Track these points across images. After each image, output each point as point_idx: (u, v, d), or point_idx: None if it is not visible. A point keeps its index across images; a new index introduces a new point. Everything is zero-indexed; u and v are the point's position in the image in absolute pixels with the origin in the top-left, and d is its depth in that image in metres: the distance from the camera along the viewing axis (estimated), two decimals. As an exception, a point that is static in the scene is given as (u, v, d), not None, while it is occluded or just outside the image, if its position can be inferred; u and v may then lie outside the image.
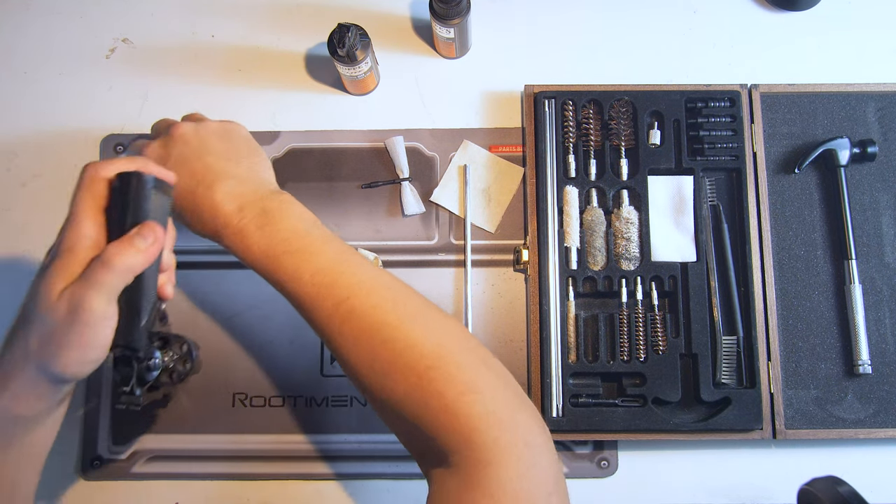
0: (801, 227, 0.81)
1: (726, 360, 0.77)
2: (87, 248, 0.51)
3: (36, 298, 0.50)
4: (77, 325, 0.49)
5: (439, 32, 0.83)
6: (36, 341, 0.51)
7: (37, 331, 0.50)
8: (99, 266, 0.50)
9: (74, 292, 0.49)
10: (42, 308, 0.50)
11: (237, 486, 0.78)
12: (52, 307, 0.49)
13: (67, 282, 0.50)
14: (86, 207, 0.52)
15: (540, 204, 0.80)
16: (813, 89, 0.84)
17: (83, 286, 0.49)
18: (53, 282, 0.50)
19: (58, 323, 0.50)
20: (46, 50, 0.89)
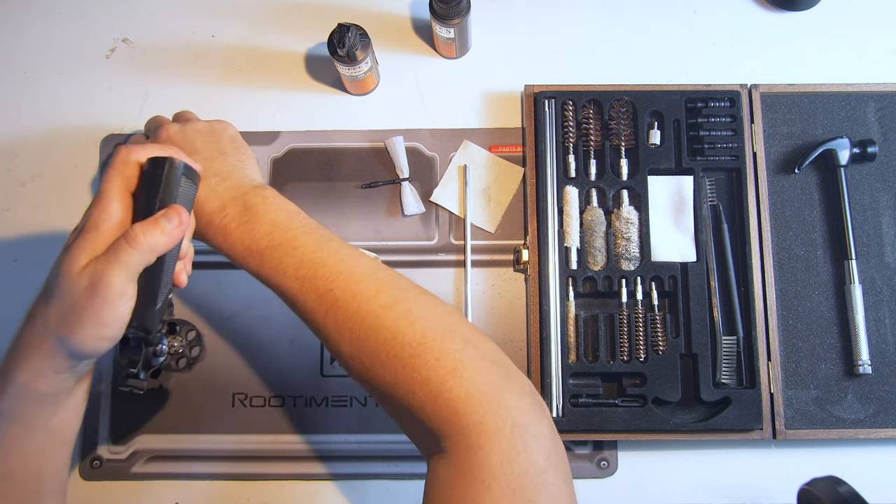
0: (801, 227, 0.81)
1: (726, 360, 0.77)
2: (112, 226, 0.52)
3: (58, 273, 0.51)
4: (96, 299, 0.50)
5: (439, 32, 0.83)
6: (56, 315, 0.51)
7: (57, 304, 0.51)
8: (123, 243, 0.50)
9: (96, 267, 0.50)
10: (64, 282, 0.50)
11: (237, 486, 0.78)
12: (74, 281, 0.50)
13: (90, 257, 0.50)
14: (115, 187, 0.53)
15: (540, 204, 0.80)
16: (813, 89, 0.84)
17: (106, 262, 0.50)
18: (77, 256, 0.50)
19: (78, 297, 0.50)
20: (46, 50, 0.89)
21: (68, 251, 0.51)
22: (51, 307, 0.52)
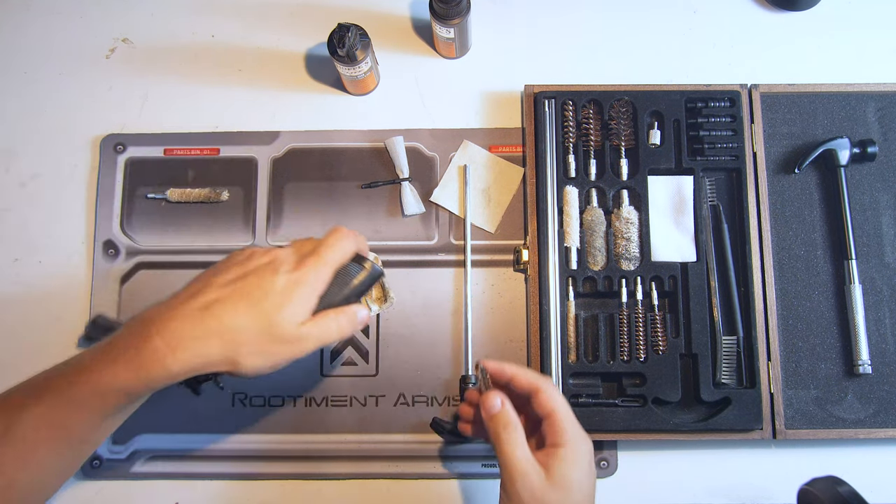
0: (801, 227, 0.81)
1: (726, 360, 0.77)
2: (318, 295, 0.61)
3: (268, 314, 0.58)
4: (294, 351, 0.59)
5: (439, 32, 0.83)
6: (235, 343, 0.57)
7: (248, 336, 0.57)
8: (335, 323, 0.62)
9: (311, 331, 0.60)
10: (278, 327, 0.58)
11: (237, 486, 0.78)
12: (288, 328, 0.58)
13: (307, 317, 0.60)
14: (334, 262, 0.62)
15: (540, 204, 0.80)
16: (813, 89, 0.84)
17: (317, 330, 0.60)
18: (297, 311, 0.59)
19: (281, 341, 0.58)
20: (46, 50, 0.89)
21: (287, 298, 0.58)
22: (233, 335, 0.57)
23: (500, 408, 0.63)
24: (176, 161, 0.85)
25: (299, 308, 0.59)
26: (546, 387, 0.63)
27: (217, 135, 0.86)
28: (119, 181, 0.85)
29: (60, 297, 0.82)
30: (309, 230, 0.83)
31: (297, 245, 0.63)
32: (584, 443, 0.62)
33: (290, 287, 0.59)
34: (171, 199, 0.84)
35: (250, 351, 0.57)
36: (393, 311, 0.81)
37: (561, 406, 0.62)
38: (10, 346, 0.81)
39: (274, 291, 0.58)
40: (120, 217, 0.84)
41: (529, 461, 0.60)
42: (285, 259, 0.61)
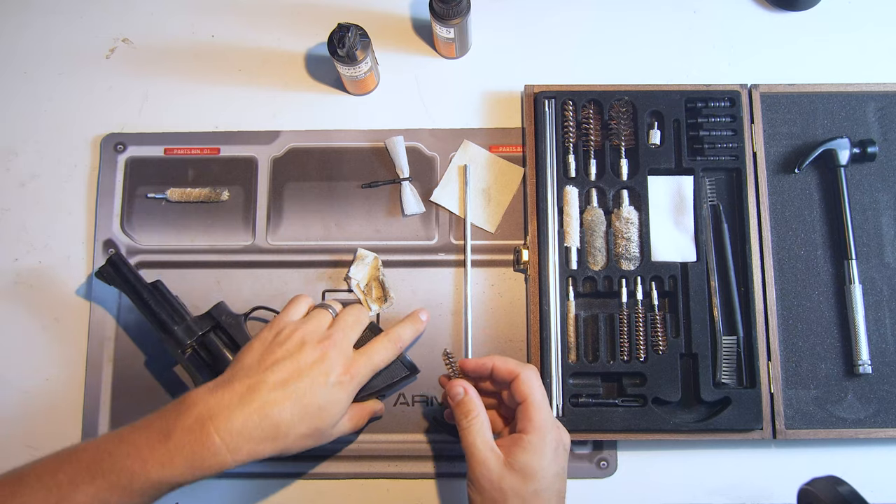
0: (801, 227, 0.81)
1: (726, 360, 0.77)
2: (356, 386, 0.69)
3: (323, 429, 0.66)
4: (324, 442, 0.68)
5: (439, 32, 0.83)
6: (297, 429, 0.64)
7: (307, 423, 0.64)
8: (364, 413, 0.73)
9: (350, 422, 0.71)
10: (326, 435, 0.67)
11: (237, 486, 0.78)
12: (335, 417, 0.66)
13: (349, 404, 0.68)
14: (378, 367, 0.71)
15: (540, 204, 0.80)
16: (813, 89, 0.84)
17: (353, 419, 0.72)
18: (343, 400, 0.67)
19: (319, 440, 0.66)
20: (46, 50, 0.89)
21: (337, 411, 0.66)
22: (287, 440, 0.63)
23: (462, 396, 0.64)
24: (176, 161, 0.85)
25: (343, 417, 0.68)
26: (524, 374, 0.64)
27: (217, 134, 0.86)
28: (119, 181, 0.85)
29: (60, 297, 0.82)
30: (309, 230, 0.83)
31: (343, 326, 0.70)
32: (551, 432, 0.62)
33: (340, 400, 0.66)
34: (172, 199, 0.84)
35: (294, 447, 0.64)
36: (393, 310, 0.81)
37: (535, 393, 0.63)
38: (9, 345, 0.81)
39: (327, 403, 0.65)
40: (120, 217, 0.84)
41: (489, 447, 0.61)
42: (335, 362, 0.66)
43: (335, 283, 0.82)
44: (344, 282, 0.82)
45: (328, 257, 0.83)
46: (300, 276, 0.82)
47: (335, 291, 0.82)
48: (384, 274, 0.82)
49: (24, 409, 0.80)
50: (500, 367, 0.66)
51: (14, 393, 0.80)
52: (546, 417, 0.63)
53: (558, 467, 0.62)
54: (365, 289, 0.81)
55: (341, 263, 0.82)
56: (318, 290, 0.82)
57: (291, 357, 0.65)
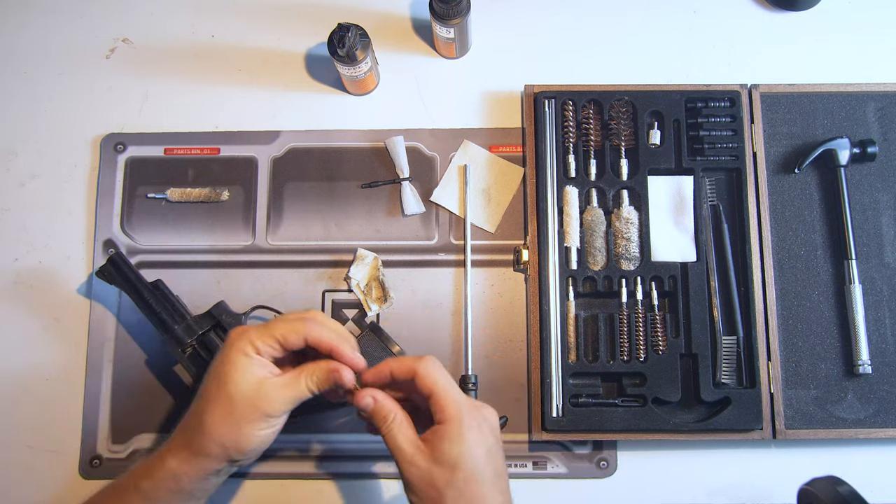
0: (801, 227, 0.81)
1: (726, 360, 0.77)
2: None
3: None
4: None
5: (439, 32, 0.83)
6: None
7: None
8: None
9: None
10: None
11: (237, 486, 0.78)
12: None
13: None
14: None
15: (540, 204, 0.80)
16: (813, 89, 0.84)
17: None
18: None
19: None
20: (46, 50, 0.89)
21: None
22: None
23: (372, 404, 0.61)
24: (176, 161, 0.85)
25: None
26: (422, 368, 0.61)
27: (217, 134, 0.86)
28: (119, 181, 0.85)
29: (60, 297, 0.82)
30: (309, 230, 0.83)
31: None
32: (468, 415, 0.59)
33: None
34: (172, 199, 0.84)
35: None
36: (393, 311, 0.81)
37: (439, 382, 0.60)
38: (10, 345, 0.81)
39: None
40: (120, 217, 0.84)
41: (413, 445, 0.59)
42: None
43: (335, 283, 0.82)
44: (344, 282, 0.82)
45: (328, 257, 0.83)
46: (300, 276, 0.82)
47: (335, 291, 0.82)
48: (384, 274, 0.82)
49: (25, 409, 0.80)
50: (397, 368, 0.62)
51: (14, 392, 0.80)
52: (455, 402, 0.59)
53: (486, 446, 0.59)
54: (365, 289, 0.82)
55: (341, 263, 0.82)
56: (318, 290, 0.82)
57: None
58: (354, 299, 0.82)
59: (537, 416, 0.76)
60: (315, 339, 0.60)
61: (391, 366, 0.62)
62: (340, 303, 0.82)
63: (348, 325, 0.81)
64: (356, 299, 0.81)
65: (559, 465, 0.78)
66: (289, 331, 0.60)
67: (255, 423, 0.60)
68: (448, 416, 0.59)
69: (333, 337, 0.61)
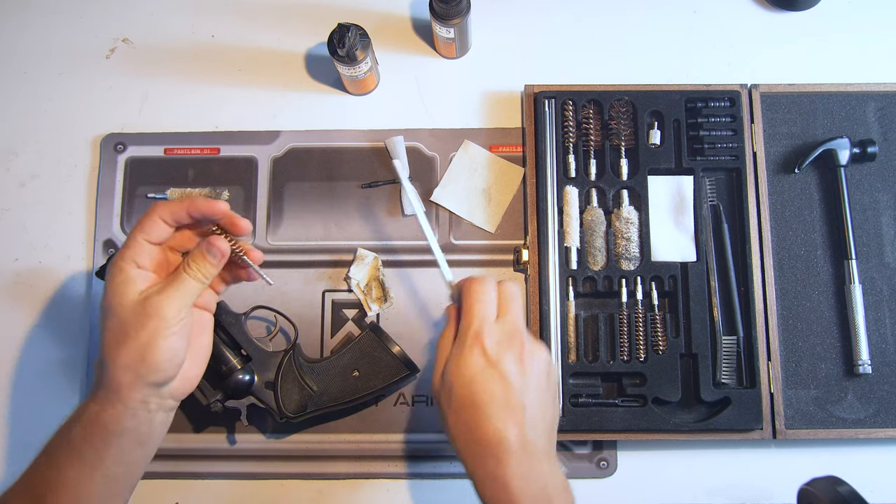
0: (801, 227, 0.81)
1: (726, 360, 0.77)
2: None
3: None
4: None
5: (439, 32, 0.83)
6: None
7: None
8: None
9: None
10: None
11: (237, 486, 0.78)
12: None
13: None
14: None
15: (540, 204, 0.80)
16: (813, 89, 0.84)
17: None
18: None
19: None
20: (46, 50, 0.89)
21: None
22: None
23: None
24: (176, 161, 0.85)
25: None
26: (468, 280, 0.60)
27: (217, 134, 0.86)
28: (119, 181, 0.85)
29: (60, 297, 0.82)
30: (309, 230, 0.83)
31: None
32: (472, 335, 0.57)
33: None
34: (172, 199, 0.84)
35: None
36: (393, 310, 0.81)
37: (468, 296, 0.59)
38: (10, 345, 0.81)
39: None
40: (120, 216, 0.84)
41: (444, 359, 0.58)
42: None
43: (335, 283, 0.82)
44: (344, 282, 0.82)
45: (328, 257, 0.83)
46: (300, 276, 0.82)
47: (335, 291, 0.82)
48: (384, 274, 0.82)
49: (25, 409, 0.80)
50: (464, 284, 0.61)
51: (15, 393, 0.80)
52: (468, 322, 0.58)
53: (480, 367, 0.56)
54: (365, 289, 0.82)
55: (341, 263, 0.82)
56: (318, 290, 0.82)
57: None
58: (354, 299, 0.82)
59: (537, 416, 0.76)
60: (167, 213, 0.56)
61: (464, 282, 0.61)
62: (340, 303, 0.82)
63: (348, 325, 0.81)
64: (356, 299, 0.81)
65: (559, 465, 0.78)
66: (144, 222, 0.56)
67: (153, 334, 0.55)
68: (459, 333, 0.58)
69: (183, 200, 0.57)
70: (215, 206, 0.57)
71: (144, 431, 0.58)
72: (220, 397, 0.72)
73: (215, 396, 0.72)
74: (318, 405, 0.74)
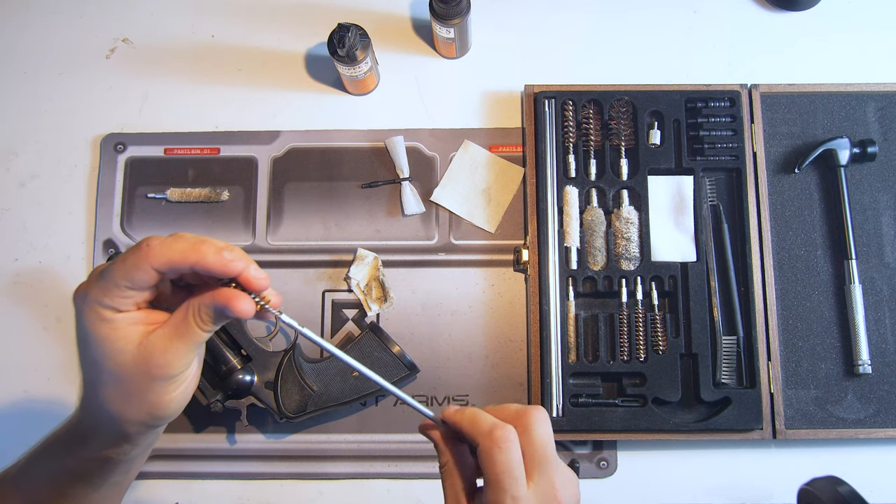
0: (801, 227, 0.81)
1: (726, 360, 0.77)
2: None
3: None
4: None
5: (439, 32, 0.83)
6: None
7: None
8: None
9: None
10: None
11: (237, 486, 0.78)
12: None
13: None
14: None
15: (540, 204, 0.80)
16: (813, 89, 0.84)
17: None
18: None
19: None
20: (46, 50, 0.89)
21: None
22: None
23: (433, 441, 0.52)
24: (176, 161, 0.85)
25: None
26: (483, 445, 0.48)
27: (217, 134, 0.86)
28: (119, 181, 0.85)
29: (61, 297, 0.82)
30: (309, 230, 0.83)
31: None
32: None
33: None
34: (172, 199, 0.84)
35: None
36: (393, 311, 0.81)
37: (492, 470, 0.47)
38: (10, 345, 0.81)
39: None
40: (120, 217, 0.84)
41: (454, 500, 0.50)
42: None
43: (335, 283, 0.82)
44: (344, 282, 0.82)
45: (328, 257, 0.83)
46: (300, 276, 0.82)
47: (335, 291, 0.82)
48: (384, 274, 0.82)
49: (25, 409, 0.80)
50: (468, 429, 0.49)
51: (15, 393, 0.80)
52: (498, 500, 0.47)
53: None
54: (365, 289, 0.82)
55: (341, 263, 0.82)
56: (318, 290, 0.82)
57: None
58: (354, 299, 0.82)
59: (537, 416, 0.76)
60: (164, 264, 0.44)
61: (464, 425, 0.49)
62: (340, 303, 0.82)
63: (348, 325, 0.81)
64: (356, 299, 0.81)
65: None
66: (130, 269, 0.45)
67: (161, 393, 0.48)
68: (489, 500, 0.47)
69: (186, 249, 0.45)
70: (230, 265, 0.45)
71: (148, 444, 0.56)
72: (220, 397, 0.72)
73: (215, 396, 0.72)
74: (318, 405, 0.74)
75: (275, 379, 0.74)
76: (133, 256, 0.45)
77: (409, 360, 0.75)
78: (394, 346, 0.75)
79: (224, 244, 0.45)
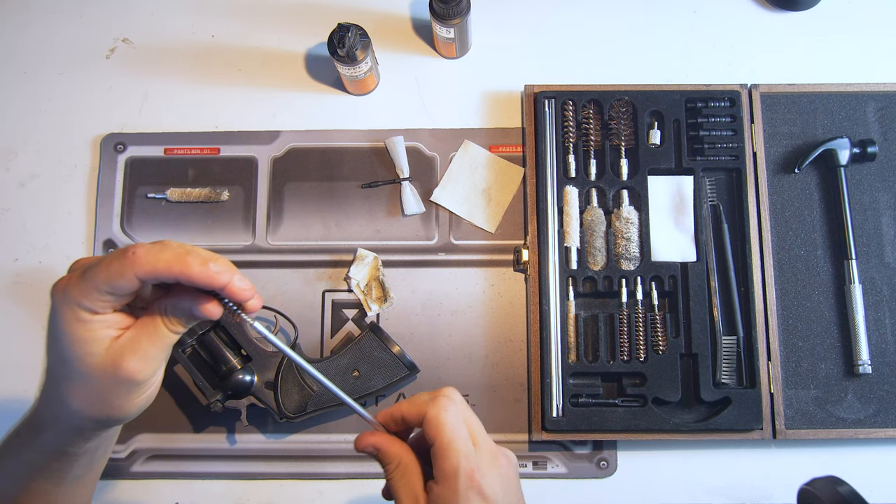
0: (801, 227, 0.81)
1: (726, 360, 0.77)
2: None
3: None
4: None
5: (439, 32, 0.83)
6: None
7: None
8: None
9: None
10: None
11: (237, 486, 0.78)
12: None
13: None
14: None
15: (540, 204, 0.80)
16: (813, 89, 0.84)
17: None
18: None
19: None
20: (46, 50, 0.89)
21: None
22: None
23: (374, 451, 0.54)
24: (176, 161, 0.85)
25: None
26: (431, 412, 0.51)
27: (217, 134, 0.86)
28: (119, 181, 0.85)
29: (60, 297, 0.82)
30: (309, 230, 0.83)
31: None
32: (465, 477, 0.50)
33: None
34: (172, 199, 0.84)
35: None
36: (393, 311, 0.81)
37: (442, 434, 0.50)
38: (10, 346, 0.81)
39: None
40: (120, 217, 0.84)
41: (413, 497, 0.52)
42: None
43: (335, 283, 0.82)
44: (344, 282, 0.82)
45: (328, 257, 0.83)
46: (300, 276, 0.82)
47: (335, 291, 0.82)
48: (384, 274, 0.82)
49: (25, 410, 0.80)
50: (409, 411, 0.53)
51: (15, 393, 0.80)
52: (454, 463, 0.49)
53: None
54: (365, 289, 0.82)
55: (341, 263, 0.82)
56: (318, 290, 0.82)
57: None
58: (354, 299, 0.82)
59: (537, 417, 0.76)
60: (149, 273, 0.45)
61: (403, 410, 0.53)
62: (340, 303, 0.82)
63: (348, 325, 0.81)
64: (356, 299, 0.81)
65: (559, 466, 0.78)
66: (113, 276, 0.45)
67: (126, 398, 0.49)
68: (442, 476, 0.50)
69: (172, 260, 0.44)
70: (216, 277, 0.45)
71: (106, 439, 0.56)
72: (220, 397, 0.72)
73: (215, 396, 0.72)
74: (318, 405, 0.74)
75: (275, 379, 0.74)
76: (118, 263, 0.46)
77: (409, 360, 0.75)
78: (394, 346, 0.75)
79: (210, 254, 0.45)
